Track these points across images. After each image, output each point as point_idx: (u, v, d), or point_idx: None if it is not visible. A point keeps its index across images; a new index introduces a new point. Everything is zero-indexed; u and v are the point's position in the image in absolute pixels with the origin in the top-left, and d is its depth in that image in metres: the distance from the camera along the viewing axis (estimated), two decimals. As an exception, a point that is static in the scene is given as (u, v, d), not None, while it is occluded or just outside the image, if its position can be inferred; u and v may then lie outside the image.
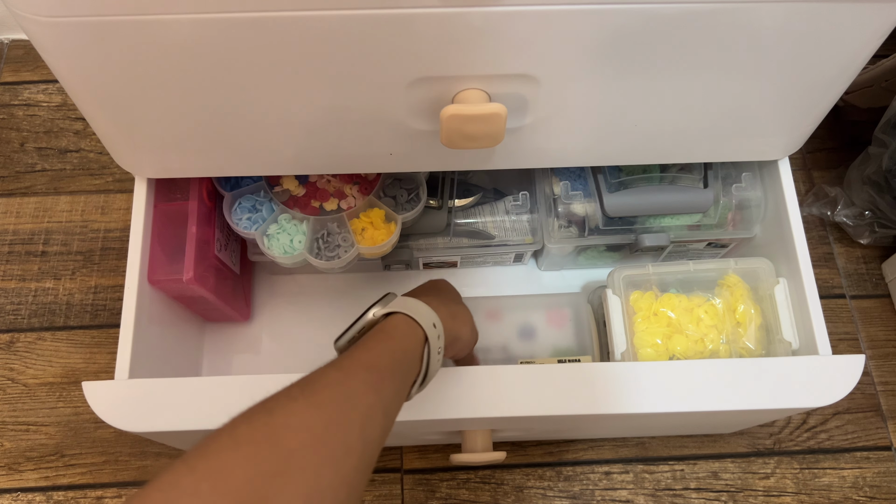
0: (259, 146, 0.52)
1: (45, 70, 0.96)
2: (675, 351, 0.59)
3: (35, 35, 0.42)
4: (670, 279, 0.62)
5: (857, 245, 0.88)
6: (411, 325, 0.44)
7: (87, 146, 0.92)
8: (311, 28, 0.40)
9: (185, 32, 0.40)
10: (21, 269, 0.85)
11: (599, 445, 0.78)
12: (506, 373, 0.53)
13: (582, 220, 0.67)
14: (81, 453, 0.76)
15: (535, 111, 0.49)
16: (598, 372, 0.53)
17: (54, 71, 0.45)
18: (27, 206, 0.88)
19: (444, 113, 0.44)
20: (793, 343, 0.58)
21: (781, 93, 0.50)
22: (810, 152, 0.94)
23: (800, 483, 0.77)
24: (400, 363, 0.41)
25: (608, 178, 0.65)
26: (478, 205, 0.70)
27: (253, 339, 0.79)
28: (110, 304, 0.83)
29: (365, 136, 0.51)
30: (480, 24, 0.41)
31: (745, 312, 0.60)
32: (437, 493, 0.76)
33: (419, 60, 0.43)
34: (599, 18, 0.41)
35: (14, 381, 0.79)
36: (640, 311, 0.60)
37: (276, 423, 0.32)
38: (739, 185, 0.65)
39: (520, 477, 0.77)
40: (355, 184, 0.64)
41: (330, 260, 0.62)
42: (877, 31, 0.45)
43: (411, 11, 0.40)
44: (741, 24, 0.42)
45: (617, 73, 0.46)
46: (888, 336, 0.84)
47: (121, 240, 0.86)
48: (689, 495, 0.76)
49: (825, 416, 0.80)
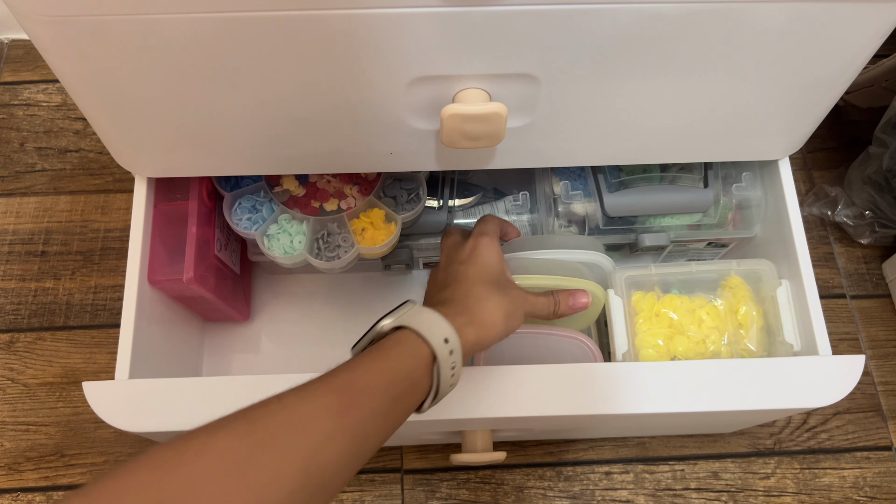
0: (259, 145, 0.52)
1: (45, 70, 0.96)
2: (676, 352, 0.59)
3: (35, 34, 0.42)
4: (672, 280, 0.62)
5: (858, 245, 0.88)
6: (417, 342, 0.42)
7: (87, 146, 0.92)
8: (312, 27, 0.40)
9: (186, 31, 0.40)
10: (21, 269, 0.85)
11: (599, 445, 0.78)
12: (506, 373, 0.52)
13: (582, 220, 0.67)
14: (81, 453, 0.76)
15: (535, 111, 0.49)
16: (600, 372, 0.53)
17: (54, 70, 0.45)
18: (27, 205, 0.88)
19: (444, 112, 0.44)
20: (794, 345, 0.58)
21: (782, 93, 0.50)
22: (811, 152, 0.94)
23: (800, 483, 0.77)
24: (392, 384, 0.39)
25: (608, 177, 0.64)
26: (478, 205, 0.70)
27: (253, 339, 0.79)
28: (110, 304, 0.83)
29: (365, 135, 0.51)
30: (481, 23, 0.41)
31: (747, 314, 0.60)
32: (437, 494, 0.76)
33: (419, 59, 0.43)
34: (600, 18, 0.41)
35: (14, 381, 0.79)
36: (641, 312, 0.60)
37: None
38: (740, 185, 0.65)
39: (520, 477, 0.77)
40: (355, 184, 0.64)
41: (330, 260, 0.62)
42: (877, 31, 0.45)
43: (412, 11, 0.40)
44: (741, 24, 0.42)
45: (617, 73, 0.46)
46: (888, 336, 0.84)
47: (121, 240, 0.86)
48: (689, 495, 0.76)
49: (826, 416, 0.80)
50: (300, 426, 0.34)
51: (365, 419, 0.37)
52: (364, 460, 0.38)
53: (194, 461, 0.31)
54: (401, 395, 0.40)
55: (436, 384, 0.43)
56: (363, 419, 0.37)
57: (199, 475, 0.30)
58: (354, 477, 0.75)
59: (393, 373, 0.40)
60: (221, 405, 0.34)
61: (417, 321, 0.43)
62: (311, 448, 0.34)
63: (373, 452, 0.38)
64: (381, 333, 0.44)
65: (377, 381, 0.39)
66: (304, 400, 0.36)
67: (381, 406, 0.38)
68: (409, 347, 0.42)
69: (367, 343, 0.45)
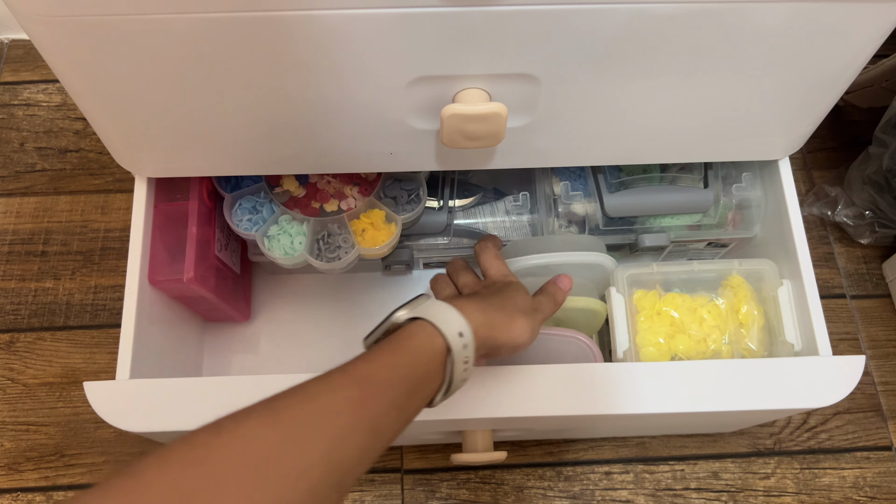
0: (259, 145, 0.52)
1: (45, 70, 0.96)
2: (677, 351, 0.59)
3: (35, 34, 0.42)
4: (674, 279, 0.62)
5: (858, 245, 0.88)
6: (432, 334, 0.42)
7: (87, 146, 0.92)
8: (312, 27, 0.40)
9: (185, 31, 0.40)
10: (21, 269, 0.85)
11: (600, 445, 0.78)
12: (506, 373, 0.52)
13: (582, 220, 0.67)
14: (81, 453, 0.76)
15: (535, 111, 0.49)
16: (600, 372, 0.53)
17: (54, 70, 0.45)
18: (27, 205, 0.88)
19: (444, 112, 0.44)
20: (795, 345, 0.58)
21: (782, 93, 0.50)
22: (811, 152, 0.94)
23: (800, 483, 0.77)
24: (406, 377, 0.39)
25: (608, 178, 0.65)
26: (478, 205, 0.70)
27: (253, 339, 0.79)
28: (110, 304, 0.83)
29: (365, 135, 0.51)
30: (481, 23, 0.41)
31: (748, 313, 0.60)
32: (437, 494, 0.76)
33: (420, 59, 0.43)
34: (600, 18, 0.41)
35: (14, 381, 0.79)
36: (643, 310, 0.60)
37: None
38: (740, 185, 0.65)
39: (520, 477, 0.77)
40: (355, 185, 0.64)
41: (330, 261, 0.62)
42: (877, 31, 0.45)
43: (412, 10, 0.40)
44: (741, 24, 0.42)
45: (617, 73, 0.46)
46: (889, 336, 0.84)
47: (121, 240, 0.86)
48: (689, 495, 0.76)
49: (826, 416, 0.80)
50: (324, 419, 0.34)
51: (383, 412, 0.37)
52: (377, 455, 0.37)
53: (220, 455, 0.30)
54: (415, 387, 0.40)
55: (448, 378, 0.42)
56: (381, 412, 0.36)
57: (225, 470, 0.29)
58: (354, 477, 0.75)
59: (408, 366, 0.40)
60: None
61: (432, 312, 0.43)
62: (335, 441, 0.33)
63: (386, 447, 0.38)
64: (395, 325, 0.44)
65: (394, 374, 0.38)
66: (328, 391, 0.35)
67: (397, 399, 0.38)
68: (423, 339, 0.41)
69: (381, 334, 0.44)
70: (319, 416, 0.33)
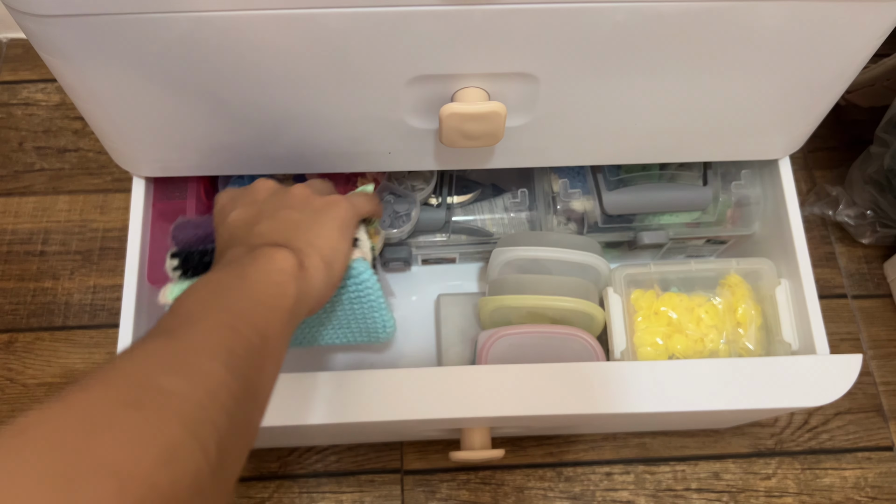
0: (257, 144, 0.52)
1: (44, 69, 0.96)
2: (674, 351, 0.59)
3: (32, 33, 0.41)
4: (672, 278, 0.62)
5: (859, 245, 0.88)
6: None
7: (85, 145, 0.92)
8: (310, 26, 0.40)
9: (184, 30, 0.40)
10: (20, 269, 0.84)
11: (600, 446, 0.78)
12: (504, 372, 0.52)
13: (581, 218, 0.67)
14: (80, 453, 0.76)
15: (534, 110, 0.49)
16: (598, 371, 0.53)
17: (52, 69, 0.45)
18: (26, 205, 0.88)
19: (443, 111, 0.44)
20: (793, 344, 0.58)
21: (782, 92, 0.50)
22: (811, 151, 0.94)
23: (801, 483, 0.76)
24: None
25: (607, 175, 0.64)
26: (476, 202, 0.70)
27: (252, 339, 0.79)
28: (109, 303, 0.83)
29: (363, 134, 0.51)
30: (480, 21, 0.40)
31: (746, 313, 0.60)
32: (437, 494, 0.75)
33: (418, 58, 0.43)
34: (599, 17, 0.41)
35: (13, 382, 0.79)
36: (640, 310, 0.60)
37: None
38: (739, 183, 0.65)
39: (520, 477, 0.76)
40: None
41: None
42: (877, 30, 0.45)
43: (411, 9, 0.39)
44: (741, 24, 0.42)
45: (617, 72, 0.46)
46: (890, 336, 0.84)
47: (120, 239, 0.86)
48: (690, 496, 0.76)
49: (826, 416, 0.79)
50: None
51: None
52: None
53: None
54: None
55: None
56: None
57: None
58: (354, 478, 0.75)
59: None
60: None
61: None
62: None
63: None
64: None
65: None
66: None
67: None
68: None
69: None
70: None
